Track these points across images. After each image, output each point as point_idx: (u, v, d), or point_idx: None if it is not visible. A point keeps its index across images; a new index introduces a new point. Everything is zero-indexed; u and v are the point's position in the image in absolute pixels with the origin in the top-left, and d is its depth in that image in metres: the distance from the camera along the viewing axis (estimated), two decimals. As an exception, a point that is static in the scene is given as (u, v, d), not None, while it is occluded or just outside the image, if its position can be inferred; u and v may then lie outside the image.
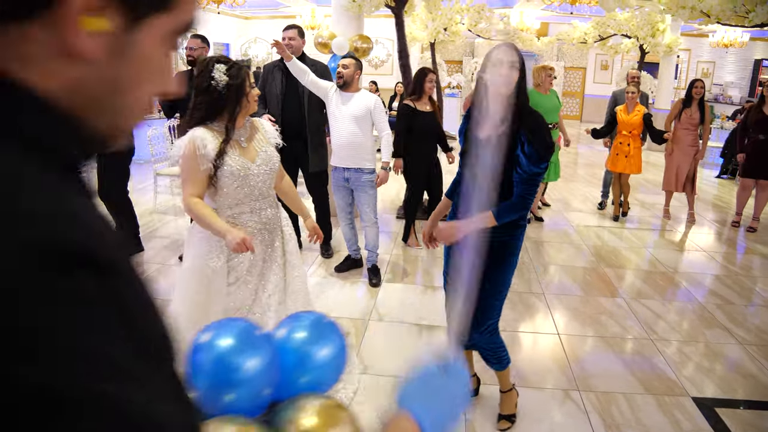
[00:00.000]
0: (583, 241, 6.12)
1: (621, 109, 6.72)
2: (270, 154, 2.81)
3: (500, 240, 2.60)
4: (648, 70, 13.83)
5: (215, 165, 2.60)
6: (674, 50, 12.69)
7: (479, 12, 11.55)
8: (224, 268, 2.74)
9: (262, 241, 2.84)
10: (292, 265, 2.96)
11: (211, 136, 2.62)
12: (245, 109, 2.69)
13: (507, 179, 2.48)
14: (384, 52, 16.49)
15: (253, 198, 2.78)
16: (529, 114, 2.49)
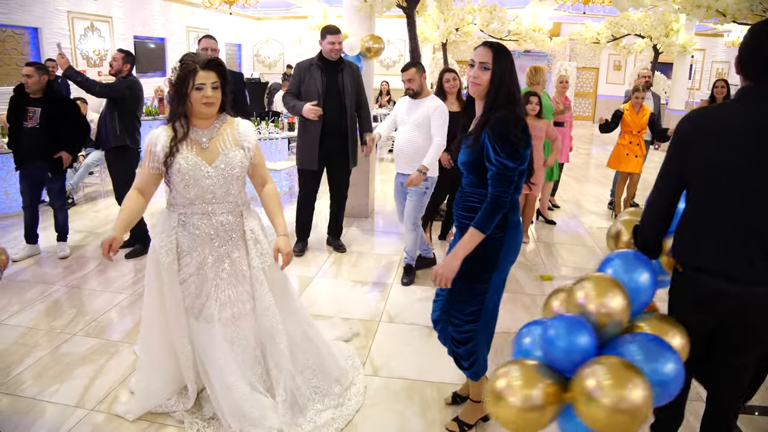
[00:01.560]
0: (596, 244, 6.08)
1: (628, 108, 6.67)
2: (231, 157, 2.68)
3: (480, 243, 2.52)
4: (662, 70, 13.73)
5: (165, 163, 2.64)
6: (688, 50, 12.56)
7: (491, 12, 11.50)
8: (174, 264, 2.75)
9: (212, 249, 2.75)
10: (260, 282, 2.80)
11: (166, 135, 2.66)
12: (192, 110, 2.63)
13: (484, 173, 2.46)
14: (396, 52, 16.47)
15: (204, 201, 2.71)
16: (496, 110, 2.42)
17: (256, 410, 2.76)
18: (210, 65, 2.62)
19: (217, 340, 2.77)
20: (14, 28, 9.09)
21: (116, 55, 5.16)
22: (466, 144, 2.54)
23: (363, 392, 3.15)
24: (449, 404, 3.13)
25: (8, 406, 3.04)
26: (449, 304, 2.73)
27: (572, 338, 1.92)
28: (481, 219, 2.40)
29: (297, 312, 3.02)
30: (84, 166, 7.28)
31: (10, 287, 4.61)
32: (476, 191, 2.53)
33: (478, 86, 2.47)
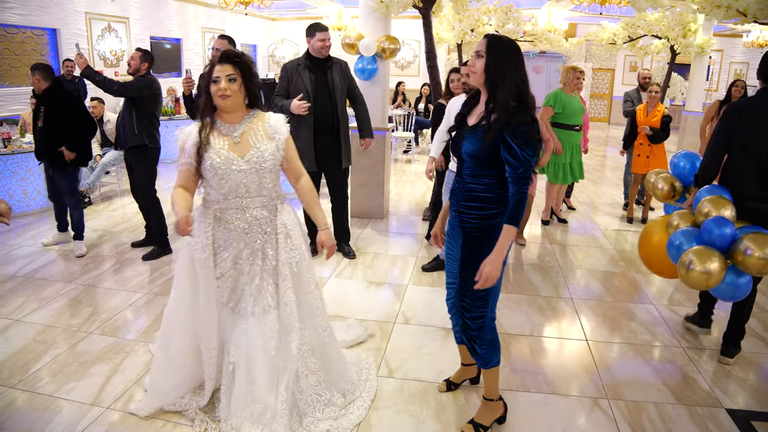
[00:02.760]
0: (612, 245, 6.02)
1: (641, 108, 6.62)
2: (263, 150, 2.71)
3: (479, 235, 2.64)
4: (679, 71, 13.58)
5: (198, 159, 2.68)
6: (706, 51, 12.42)
7: (506, 13, 11.45)
8: (210, 260, 2.77)
9: (247, 243, 2.79)
10: (283, 276, 2.81)
11: (196, 130, 2.72)
12: (218, 105, 2.69)
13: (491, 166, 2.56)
14: (410, 53, 16.45)
15: (238, 195, 2.74)
16: (516, 114, 2.45)
17: (259, 406, 2.74)
18: (225, 58, 2.66)
19: (248, 333, 2.78)
20: (33, 29, 9.18)
21: (134, 54, 5.18)
22: (477, 136, 2.55)
23: (368, 406, 3.06)
24: (443, 391, 3.20)
25: (26, 402, 3.06)
26: (465, 290, 2.75)
27: (725, 228, 3.19)
28: (514, 214, 2.49)
29: (316, 315, 2.97)
30: (100, 166, 7.33)
31: (28, 285, 4.65)
32: (481, 181, 2.60)
33: (473, 74, 2.56)
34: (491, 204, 2.60)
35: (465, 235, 2.69)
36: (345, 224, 5.53)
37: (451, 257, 2.83)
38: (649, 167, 6.60)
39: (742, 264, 3.14)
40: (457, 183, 2.72)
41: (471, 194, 2.63)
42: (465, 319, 2.79)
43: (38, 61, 5.86)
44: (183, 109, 10.66)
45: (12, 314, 4.13)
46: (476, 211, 2.63)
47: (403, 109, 11.87)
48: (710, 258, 3.14)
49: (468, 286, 2.69)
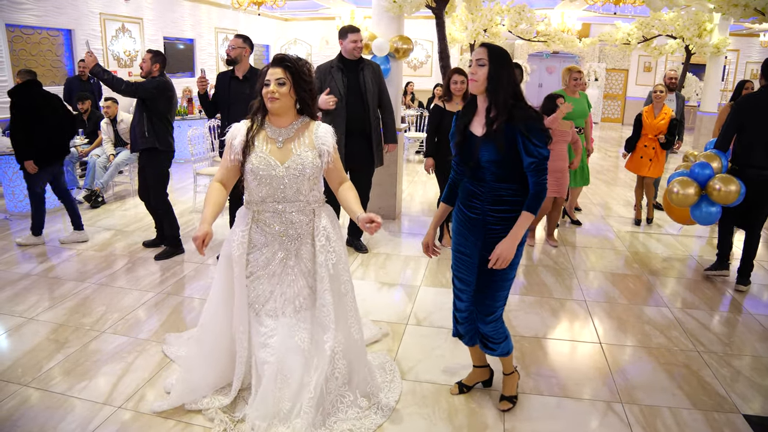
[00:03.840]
0: (626, 248, 5.96)
1: (647, 110, 6.52)
2: (304, 158, 2.74)
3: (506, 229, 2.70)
4: (693, 71, 13.48)
5: (242, 158, 2.74)
6: (722, 51, 12.29)
7: (520, 13, 11.41)
8: (243, 258, 2.82)
9: (282, 246, 2.83)
10: (321, 278, 2.83)
11: (245, 128, 2.78)
12: (267, 108, 2.72)
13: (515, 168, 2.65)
14: (423, 53, 16.43)
15: (276, 200, 2.78)
16: (518, 108, 2.61)
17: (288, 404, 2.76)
18: (277, 61, 2.70)
19: (280, 334, 2.81)
20: (49, 30, 9.26)
21: (145, 56, 5.15)
22: (492, 143, 2.62)
23: (392, 407, 3.05)
24: (455, 394, 3.19)
25: (39, 400, 3.07)
26: (485, 292, 2.83)
27: (706, 169, 4.66)
28: (533, 204, 2.63)
29: (349, 317, 2.98)
30: (114, 165, 7.38)
31: (41, 284, 4.68)
32: (506, 185, 2.68)
33: (475, 82, 2.64)
34: (519, 206, 2.68)
35: (487, 239, 2.74)
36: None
37: (466, 262, 2.86)
38: (650, 171, 6.53)
39: (712, 195, 4.63)
40: (477, 187, 2.75)
41: (499, 198, 2.70)
42: (484, 320, 2.87)
43: (53, 62, 5.93)
44: (196, 109, 10.71)
45: (25, 313, 4.15)
46: (505, 214, 2.70)
47: (416, 110, 11.85)
48: (689, 185, 4.72)
49: (491, 287, 2.80)
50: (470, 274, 2.85)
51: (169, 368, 3.41)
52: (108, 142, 7.62)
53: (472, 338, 3.02)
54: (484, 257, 2.76)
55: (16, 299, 4.39)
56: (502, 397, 3.10)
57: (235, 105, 4.82)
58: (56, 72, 9.48)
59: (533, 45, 14.84)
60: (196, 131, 7.84)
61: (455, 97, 5.22)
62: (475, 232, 2.78)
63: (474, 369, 3.23)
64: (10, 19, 8.43)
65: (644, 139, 6.52)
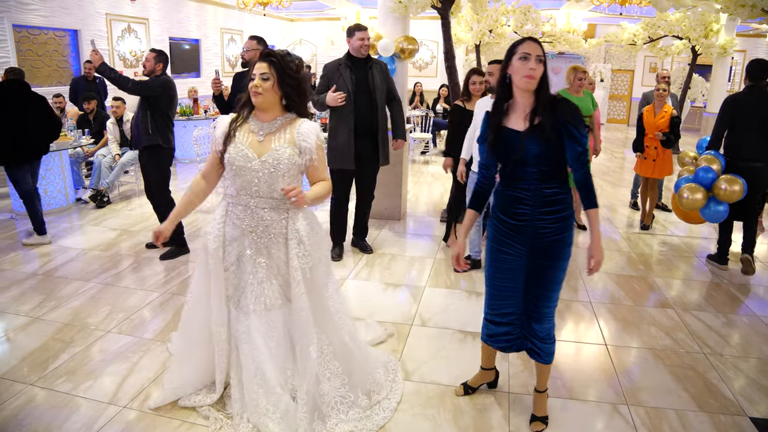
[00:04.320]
0: (631, 249, 5.94)
1: (648, 109, 6.47)
2: (281, 153, 2.70)
3: (557, 237, 2.68)
4: (700, 72, 13.42)
5: (223, 149, 2.76)
6: (729, 52, 12.24)
7: (525, 13, 11.39)
8: (219, 251, 2.82)
9: (251, 242, 2.80)
10: (296, 282, 2.76)
11: (229, 120, 2.80)
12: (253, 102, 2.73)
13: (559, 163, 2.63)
14: (428, 54, 16.42)
15: (249, 194, 2.76)
16: (560, 101, 2.59)
17: (273, 408, 2.74)
18: (263, 57, 2.71)
19: (251, 330, 2.80)
20: (55, 30, 9.29)
21: (148, 55, 5.20)
22: (538, 137, 2.56)
23: (394, 408, 3.04)
24: (460, 395, 3.17)
25: (44, 400, 3.08)
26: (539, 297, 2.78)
27: (709, 173, 5.03)
28: (592, 198, 2.64)
29: (336, 318, 2.96)
30: (119, 165, 7.39)
31: (47, 283, 4.69)
32: (551, 184, 2.64)
33: (532, 79, 2.55)
34: (566, 205, 2.67)
35: (536, 244, 2.69)
36: (366, 222, 5.61)
37: (510, 270, 2.79)
38: (654, 172, 6.48)
39: (718, 195, 5.02)
40: (521, 191, 2.66)
41: (547, 199, 2.64)
42: (541, 326, 2.82)
43: (59, 62, 5.99)
44: (201, 110, 10.72)
45: (31, 312, 4.17)
46: (555, 215, 2.65)
47: (421, 110, 11.84)
48: (697, 191, 5.12)
49: (548, 293, 2.76)
50: (517, 281, 2.78)
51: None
52: (114, 142, 7.64)
53: (514, 344, 2.93)
54: (534, 263, 2.71)
55: (22, 298, 4.41)
56: (534, 417, 2.97)
57: None
58: (62, 72, 9.51)
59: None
60: (201, 131, 7.85)
61: (474, 97, 5.25)
62: (522, 239, 2.70)
63: (481, 371, 3.21)
64: (17, 20, 8.46)
65: (645, 138, 6.48)
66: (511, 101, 2.68)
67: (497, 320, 2.92)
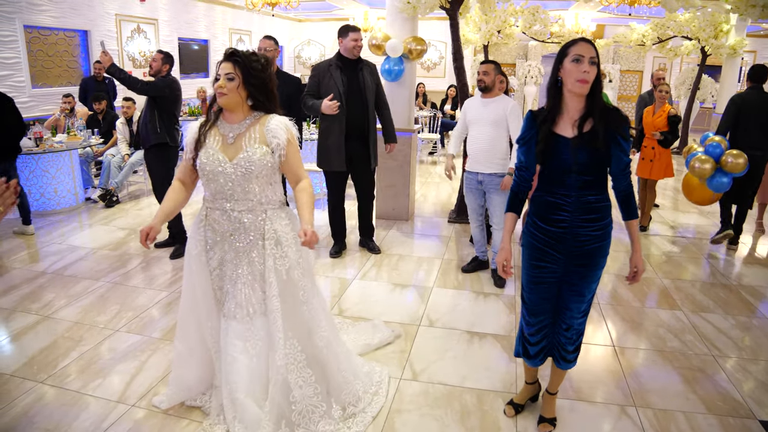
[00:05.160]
0: (640, 250, 5.91)
1: (648, 110, 6.46)
2: (251, 154, 2.62)
3: (596, 245, 2.62)
4: (709, 73, 13.33)
5: (194, 154, 2.72)
6: (738, 52, 12.16)
7: (534, 14, 11.35)
8: (202, 256, 2.79)
9: (231, 247, 2.74)
10: (269, 283, 2.70)
11: (198, 125, 2.75)
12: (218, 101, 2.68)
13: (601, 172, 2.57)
14: (436, 54, 16.40)
15: (224, 197, 2.70)
16: (612, 110, 2.51)
17: (239, 416, 2.71)
18: (227, 56, 2.64)
19: (229, 335, 2.76)
20: (66, 31, 9.35)
21: (156, 56, 5.26)
22: (587, 144, 2.46)
23: (369, 422, 2.92)
24: (512, 416, 3.04)
25: (54, 398, 3.10)
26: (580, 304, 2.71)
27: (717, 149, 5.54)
28: (633, 209, 2.65)
29: (311, 323, 2.85)
30: (128, 165, 7.43)
31: (57, 282, 4.73)
32: (592, 191, 2.55)
33: (587, 84, 2.43)
34: (607, 212, 2.62)
35: (573, 251, 2.60)
36: (370, 222, 5.60)
37: (546, 279, 2.70)
38: (652, 173, 6.44)
39: (725, 166, 5.49)
40: (562, 198, 2.56)
41: (589, 206, 2.55)
42: (570, 335, 2.76)
43: (70, 62, 6.03)
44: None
45: (41, 310, 4.20)
46: (596, 223, 2.57)
47: (429, 111, 11.83)
48: (707, 161, 5.57)
49: (580, 303, 2.70)
50: (552, 291, 2.71)
51: (182, 367, 3.43)
52: (123, 142, 7.68)
53: (546, 354, 2.87)
54: (571, 271, 2.63)
55: (32, 297, 4.44)
56: (542, 418, 2.95)
57: None
58: (72, 72, 9.56)
59: (547, 46, 14.80)
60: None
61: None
62: (559, 246, 2.61)
63: (525, 385, 3.12)
64: (28, 21, 8.52)
65: (645, 139, 6.46)
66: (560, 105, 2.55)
67: (534, 340, 2.83)
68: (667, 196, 8.45)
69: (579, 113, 2.49)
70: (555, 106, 2.54)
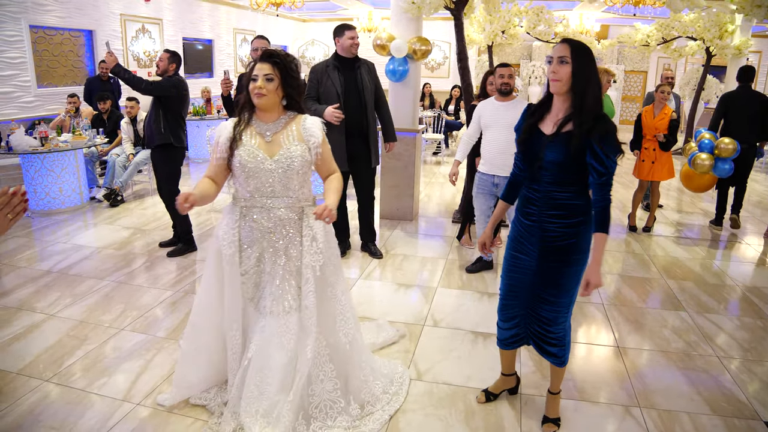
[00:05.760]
0: (644, 251, 5.91)
1: (647, 110, 6.38)
2: (293, 151, 2.70)
3: (567, 242, 2.64)
4: (714, 73, 13.30)
5: (229, 154, 2.71)
6: (744, 52, 12.12)
7: (538, 14, 11.35)
8: (236, 256, 2.78)
9: (270, 243, 2.78)
10: (306, 279, 2.76)
11: (231, 125, 2.76)
12: (254, 103, 2.70)
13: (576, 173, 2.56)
14: (440, 54, 16.40)
15: (264, 194, 2.74)
16: (600, 120, 2.47)
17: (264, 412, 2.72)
18: (265, 57, 2.67)
19: (266, 332, 2.78)
20: (71, 31, 9.38)
21: (162, 55, 5.24)
22: (561, 144, 2.52)
23: (385, 421, 2.95)
24: (482, 403, 3.13)
25: (59, 396, 3.11)
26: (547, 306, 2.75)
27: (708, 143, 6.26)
28: (603, 223, 2.53)
29: (339, 321, 2.90)
30: (133, 165, 7.45)
31: (62, 281, 4.74)
32: (566, 189, 2.59)
33: (557, 82, 2.51)
34: (578, 212, 2.61)
35: (545, 246, 2.67)
36: (371, 224, 5.54)
37: (521, 269, 2.78)
38: (653, 175, 6.42)
39: (721, 154, 6.11)
40: (532, 192, 2.67)
41: (556, 202, 2.61)
42: (548, 329, 2.78)
43: (75, 62, 6.02)
44: (214, 110, 10.78)
45: (47, 309, 4.21)
46: (562, 220, 2.61)
47: (434, 111, 11.83)
48: (703, 155, 6.19)
49: (554, 298, 2.71)
50: (524, 282, 2.77)
51: (187, 366, 3.44)
52: (128, 141, 7.70)
53: (518, 341, 2.93)
54: (544, 267, 2.69)
55: (38, 296, 4.46)
56: (545, 419, 2.97)
57: None
58: (77, 72, 9.59)
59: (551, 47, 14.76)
60: (214, 131, 7.88)
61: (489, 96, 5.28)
62: (532, 239, 2.70)
63: (502, 377, 3.17)
64: (34, 21, 8.55)
65: (644, 140, 6.42)
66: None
67: (505, 326, 2.93)
68: (671, 197, 8.44)
69: (563, 113, 2.56)
70: (544, 103, 2.66)
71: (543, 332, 2.81)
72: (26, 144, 6.61)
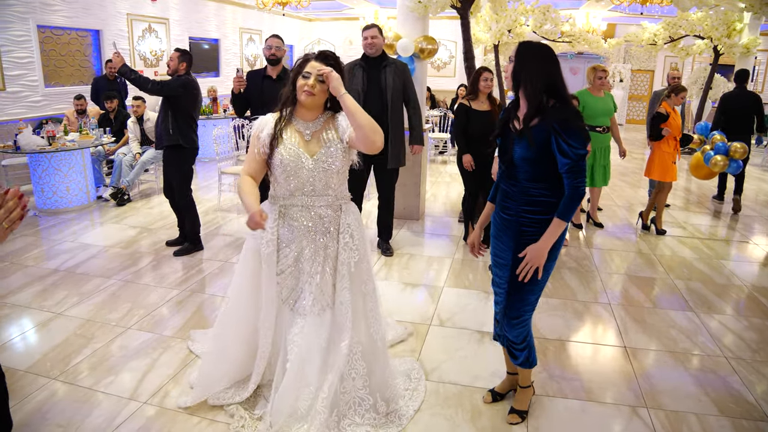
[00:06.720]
0: (651, 250, 5.88)
1: (671, 110, 6.10)
2: (333, 151, 2.71)
3: (542, 231, 2.64)
4: (722, 72, 13.22)
5: (270, 151, 2.70)
6: (752, 51, 12.05)
7: (544, 13, 11.32)
8: (273, 255, 2.78)
9: (310, 241, 2.79)
10: (341, 275, 2.79)
11: (273, 120, 2.74)
12: (299, 99, 2.70)
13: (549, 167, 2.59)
14: (446, 53, 16.38)
15: (304, 193, 2.74)
16: (550, 109, 2.53)
17: (301, 413, 2.73)
18: (324, 57, 2.70)
19: (305, 332, 2.78)
20: (78, 30, 9.41)
21: (173, 54, 5.21)
22: (525, 140, 2.58)
23: (411, 415, 2.98)
24: (489, 402, 3.12)
25: (66, 394, 3.13)
26: (514, 294, 2.78)
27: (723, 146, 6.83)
28: (565, 209, 2.55)
29: (371, 318, 2.92)
30: (140, 164, 7.48)
31: (69, 280, 4.76)
32: (538, 184, 2.63)
33: (507, 79, 2.67)
34: (553, 209, 2.62)
35: (520, 240, 2.69)
36: (389, 223, 5.57)
37: (501, 263, 2.82)
38: (674, 174, 6.29)
39: (735, 155, 6.71)
40: (510, 186, 2.71)
41: (531, 198, 2.65)
42: (510, 322, 2.82)
43: (82, 62, 6.01)
44: (221, 109, 10.80)
45: (54, 308, 4.23)
46: (537, 216, 2.64)
47: (440, 110, 11.81)
48: (719, 157, 6.71)
49: (520, 290, 2.74)
50: (504, 275, 2.81)
51: (193, 365, 3.45)
52: (134, 140, 7.73)
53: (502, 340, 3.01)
54: (517, 260, 2.70)
55: (45, 294, 4.47)
56: (512, 409, 3.00)
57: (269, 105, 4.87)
58: (84, 72, 9.62)
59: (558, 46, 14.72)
60: (221, 130, 7.91)
61: (481, 94, 5.31)
62: (509, 233, 2.73)
63: (508, 376, 3.17)
64: (41, 20, 8.59)
65: (672, 141, 6.16)
66: None
67: (496, 316, 2.99)
68: (678, 197, 8.40)
69: (524, 110, 2.62)
70: (516, 101, 2.72)
71: (508, 332, 2.86)
72: (34, 143, 6.64)
